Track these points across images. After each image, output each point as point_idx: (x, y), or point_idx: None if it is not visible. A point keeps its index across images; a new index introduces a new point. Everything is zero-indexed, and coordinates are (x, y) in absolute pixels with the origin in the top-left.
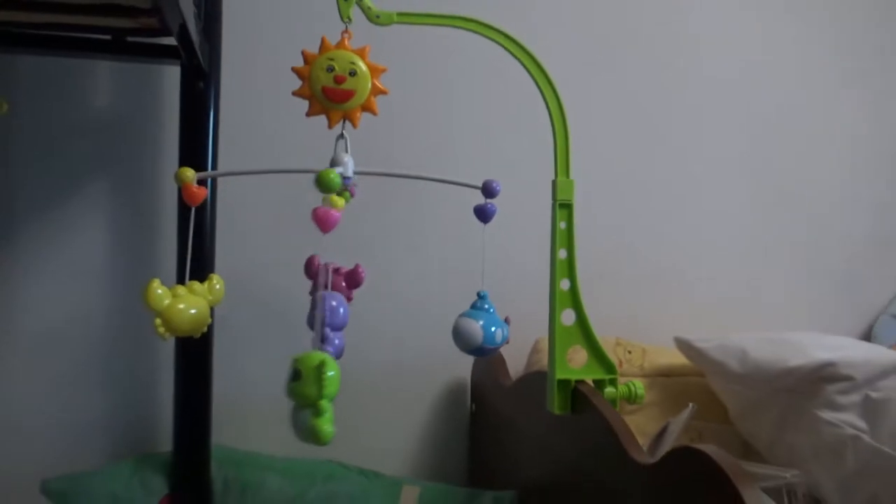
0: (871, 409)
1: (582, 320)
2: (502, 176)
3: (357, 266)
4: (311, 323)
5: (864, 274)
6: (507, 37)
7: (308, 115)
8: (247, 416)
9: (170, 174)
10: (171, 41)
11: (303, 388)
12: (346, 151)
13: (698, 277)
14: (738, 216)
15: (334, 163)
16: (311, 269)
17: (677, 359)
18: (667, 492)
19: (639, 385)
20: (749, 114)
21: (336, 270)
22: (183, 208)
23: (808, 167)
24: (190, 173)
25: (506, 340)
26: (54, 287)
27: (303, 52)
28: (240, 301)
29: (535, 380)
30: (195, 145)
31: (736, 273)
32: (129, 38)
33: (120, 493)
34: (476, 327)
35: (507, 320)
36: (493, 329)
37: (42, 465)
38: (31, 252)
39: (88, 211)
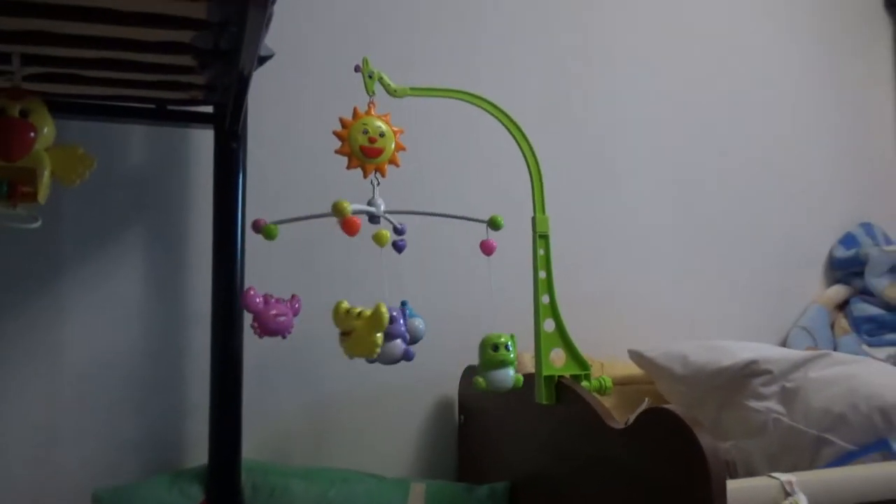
0: (787, 396)
1: (560, 327)
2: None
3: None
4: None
5: (777, 292)
6: (489, 103)
7: (348, 168)
8: (273, 432)
9: (198, 224)
10: (206, 108)
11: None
12: (377, 196)
13: (638, 298)
14: (670, 243)
15: (371, 204)
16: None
17: (630, 370)
18: (640, 447)
19: (607, 379)
20: (676, 143)
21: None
22: (218, 250)
23: (727, 198)
24: (347, 205)
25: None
26: (97, 325)
27: (340, 119)
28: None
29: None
30: (229, 197)
31: (671, 293)
32: (170, 107)
33: (163, 499)
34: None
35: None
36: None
37: (91, 477)
38: (76, 294)
39: (126, 256)
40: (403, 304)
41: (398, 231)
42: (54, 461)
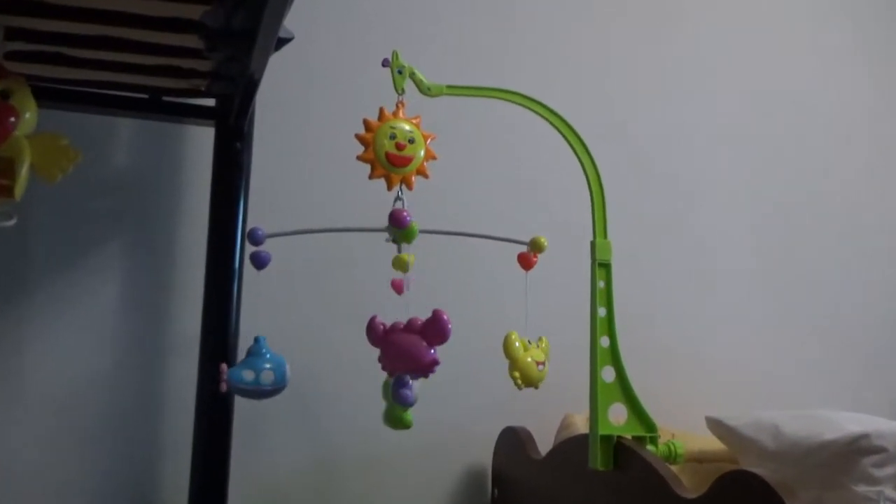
0: None
1: (622, 377)
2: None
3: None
4: None
5: (892, 353)
6: (547, 108)
7: (371, 177)
8: (264, 491)
9: (189, 235)
10: (206, 102)
11: None
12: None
13: (715, 356)
14: (755, 289)
15: None
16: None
17: (706, 444)
18: None
19: (679, 445)
20: (761, 192)
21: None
22: (213, 266)
23: (826, 235)
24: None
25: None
26: (66, 350)
27: (364, 121)
28: None
29: (573, 445)
30: (228, 205)
31: (757, 352)
32: (166, 98)
33: None
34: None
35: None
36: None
37: None
38: (43, 313)
39: (103, 270)
40: (257, 340)
41: None
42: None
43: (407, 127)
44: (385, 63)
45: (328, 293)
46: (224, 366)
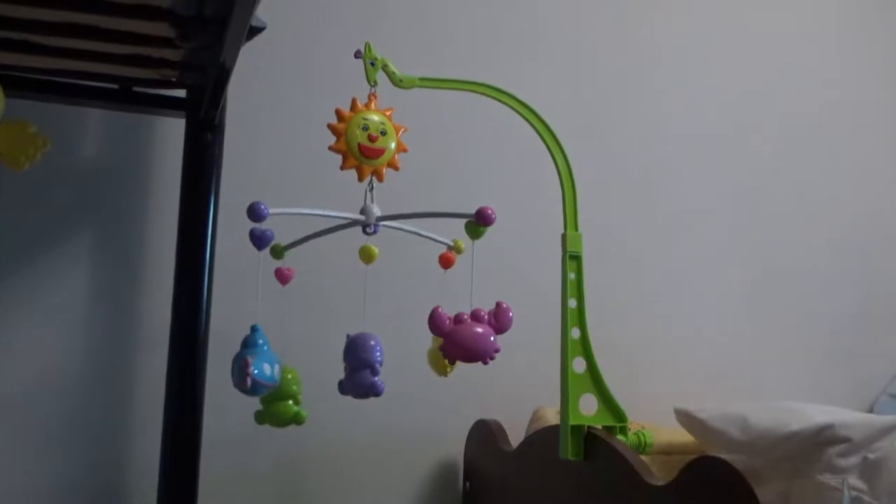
0: (868, 470)
1: (592, 368)
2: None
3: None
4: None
5: (861, 351)
6: (519, 101)
7: (342, 168)
8: (234, 487)
9: (158, 225)
10: (178, 93)
11: None
12: (373, 202)
13: (686, 350)
14: (729, 284)
15: (364, 212)
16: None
17: (675, 437)
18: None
19: (648, 434)
20: (738, 189)
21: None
22: (183, 260)
23: (802, 234)
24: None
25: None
26: (29, 346)
27: (337, 111)
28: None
29: (543, 436)
30: (199, 197)
31: (727, 347)
32: (135, 89)
33: None
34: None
35: None
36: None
37: None
38: (6, 308)
39: (70, 264)
40: (254, 329)
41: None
42: None
43: (379, 119)
44: (357, 55)
45: (292, 285)
46: (250, 359)
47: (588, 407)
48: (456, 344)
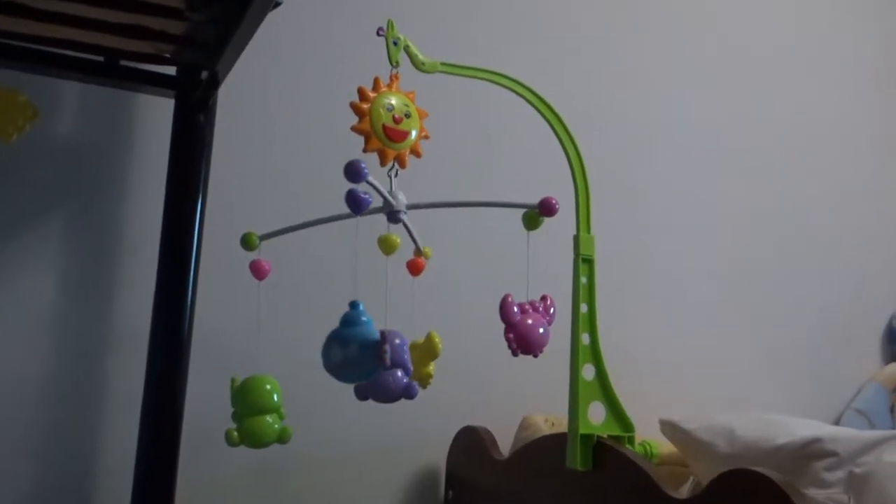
0: (855, 484)
1: (601, 375)
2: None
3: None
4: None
5: (828, 368)
6: (538, 97)
7: (365, 150)
8: (211, 494)
9: (140, 216)
10: (166, 69)
11: None
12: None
13: (662, 365)
14: (704, 302)
15: (392, 198)
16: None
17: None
18: None
19: (654, 445)
20: (715, 197)
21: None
22: (166, 251)
23: (773, 257)
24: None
25: None
26: None
27: (360, 90)
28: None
29: (542, 445)
30: (187, 184)
31: (705, 363)
32: (122, 62)
33: None
34: None
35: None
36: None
37: None
38: None
39: (40, 253)
40: (354, 304)
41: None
42: None
43: (402, 100)
44: (380, 32)
45: (282, 286)
46: (387, 334)
47: (593, 415)
48: (522, 335)
